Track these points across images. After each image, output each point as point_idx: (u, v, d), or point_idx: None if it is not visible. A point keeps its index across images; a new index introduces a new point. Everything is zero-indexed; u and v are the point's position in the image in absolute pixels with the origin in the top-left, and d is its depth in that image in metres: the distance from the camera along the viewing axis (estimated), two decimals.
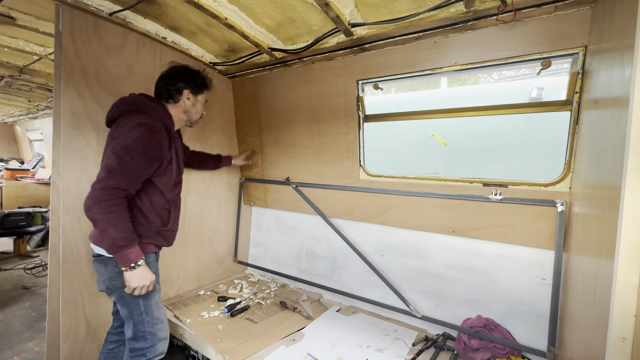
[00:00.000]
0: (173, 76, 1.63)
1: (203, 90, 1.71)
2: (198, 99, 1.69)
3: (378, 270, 2.16)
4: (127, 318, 1.55)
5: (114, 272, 1.49)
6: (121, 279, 1.47)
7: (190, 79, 1.64)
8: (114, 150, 1.36)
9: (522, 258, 1.72)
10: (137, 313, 1.53)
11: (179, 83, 1.61)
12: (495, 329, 1.71)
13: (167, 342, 1.65)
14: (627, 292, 0.81)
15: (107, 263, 1.49)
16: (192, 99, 1.67)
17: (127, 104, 1.51)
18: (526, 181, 1.65)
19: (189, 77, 1.65)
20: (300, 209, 2.59)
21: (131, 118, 1.43)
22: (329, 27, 1.77)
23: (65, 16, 1.69)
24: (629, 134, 0.80)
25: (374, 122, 2.10)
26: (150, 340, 1.56)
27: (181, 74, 1.64)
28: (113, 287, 1.50)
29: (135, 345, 1.56)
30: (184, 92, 1.63)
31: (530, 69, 1.64)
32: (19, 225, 4.08)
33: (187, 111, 1.68)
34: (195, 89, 1.66)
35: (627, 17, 0.89)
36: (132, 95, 1.55)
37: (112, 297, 1.55)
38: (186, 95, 1.64)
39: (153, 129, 1.42)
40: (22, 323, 2.75)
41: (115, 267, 1.48)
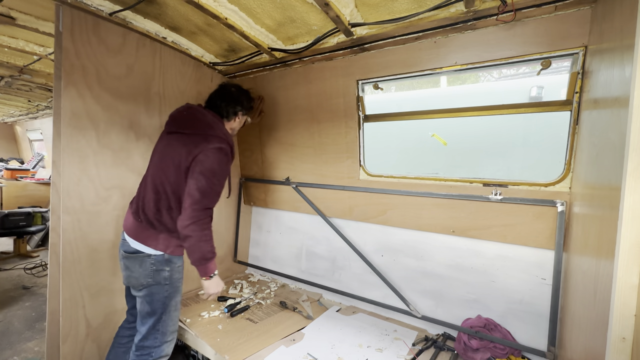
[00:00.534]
0: (234, 99, 1.80)
1: (249, 113, 1.90)
2: (242, 119, 1.87)
3: (378, 270, 2.16)
4: (147, 315, 1.61)
5: (150, 270, 1.57)
6: (156, 277, 1.58)
7: (246, 103, 1.85)
8: (203, 173, 1.52)
9: (522, 258, 1.72)
10: (159, 311, 1.61)
11: (237, 107, 1.80)
12: (495, 329, 1.71)
13: (173, 345, 1.70)
14: (627, 292, 0.81)
15: (143, 261, 1.56)
16: (241, 119, 1.85)
17: (204, 125, 1.63)
18: (526, 181, 1.65)
19: (245, 101, 1.85)
20: (300, 209, 2.59)
21: (211, 142, 1.57)
22: (329, 27, 1.77)
23: (65, 16, 1.69)
24: (629, 134, 0.80)
25: (374, 122, 2.10)
26: (160, 339, 1.63)
27: (240, 98, 1.82)
28: (146, 284, 1.57)
29: (145, 343, 1.61)
30: (239, 113, 1.81)
31: (531, 67, 1.63)
32: (19, 225, 4.08)
33: (234, 129, 1.85)
34: (246, 112, 1.86)
35: (627, 17, 0.89)
36: (205, 113, 1.67)
37: (140, 292, 1.60)
38: (239, 118, 1.83)
39: (228, 153, 1.63)
40: (22, 323, 2.75)
41: (153, 266, 1.57)
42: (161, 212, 1.59)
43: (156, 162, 1.65)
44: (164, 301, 1.61)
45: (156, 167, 1.64)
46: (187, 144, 1.57)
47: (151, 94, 2.12)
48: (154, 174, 1.63)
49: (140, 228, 1.60)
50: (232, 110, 1.78)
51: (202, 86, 2.45)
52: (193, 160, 1.53)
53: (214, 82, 2.54)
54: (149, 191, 1.62)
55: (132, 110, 2.03)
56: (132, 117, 2.03)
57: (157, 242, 1.58)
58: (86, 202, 1.84)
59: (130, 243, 1.59)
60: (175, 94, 2.26)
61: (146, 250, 1.57)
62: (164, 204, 1.59)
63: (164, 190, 1.59)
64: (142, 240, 1.57)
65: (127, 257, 1.59)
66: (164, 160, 1.61)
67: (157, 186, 1.60)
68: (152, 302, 1.59)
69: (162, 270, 1.59)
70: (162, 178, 1.59)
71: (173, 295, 1.64)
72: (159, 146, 1.69)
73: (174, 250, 1.61)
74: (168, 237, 1.60)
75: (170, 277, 1.61)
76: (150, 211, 1.59)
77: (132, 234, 1.60)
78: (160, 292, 1.60)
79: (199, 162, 1.52)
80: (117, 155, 1.97)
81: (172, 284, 1.63)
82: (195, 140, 1.57)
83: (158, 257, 1.57)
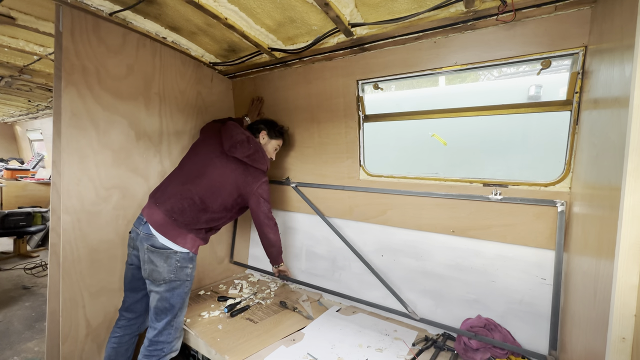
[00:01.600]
0: (259, 121, 2.17)
1: (277, 137, 2.15)
2: (271, 142, 2.13)
3: (377, 271, 2.16)
4: (165, 311, 1.68)
5: (175, 266, 1.67)
6: (180, 273, 1.69)
7: (269, 125, 2.14)
8: (267, 200, 1.95)
9: (522, 258, 1.72)
10: (177, 307, 1.70)
11: (261, 125, 2.12)
12: (495, 329, 1.70)
13: (181, 342, 1.78)
14: (627, 292, 0.81)
15: (169, 257, 1.66)
16: (266, 139, 2.11)
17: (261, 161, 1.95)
18: (526, 181, 1.65)
19: (269, 123, 2.16)
20: (300, 209, 2.59)
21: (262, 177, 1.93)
22: (329, 27, 1.77)
23: (65, 16, 1.69)
24: (629, 134, 0.80)
25: (374, 122, 2.10)
26: (173, 335, 1.71)
27: (266, 121, 2.19)
28: (169, 279, 1.66)
29: (159, 338, 1.67)
30: (262, 132, 2.10)
31: (531, 67, 1.64)
32: (19, 225, 4.08)
33: (268, 151, 2.11)
34: (271, 132, 2.12)
35: (627, 17, 0.89)
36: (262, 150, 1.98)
37: (160, 287, 1.67)
38: (262, 135, 2.09)
39: (269, 183, 1.99)
40: (22, 323, 2.75)
41: (178, 263, 1.68)
42: (199, 219, 1.77)
43: (206, 174, 1.83)
44: (184, 297, 1.73)
45: (207, 180, 1.82)
46: (248, 175, 1.88)
47: (151, 94, 2.12)
48: (203, 185, 1.81)
49: (171, 226, 1.70)
50: (255, 127, 2.11)
51: (202, 86, 2.45)
52: (253, 193, 1.88)
53: (214, 82, 2.54)
54: (191, 198, 1.77)
55: (132, 110, 2.03)
56: (132, 117, 2.03)
57: (185, 241, 1.71)
58: (86, 202, 1.84)
59: (159, 238, 1.67)
60: (175, 94, 2.27)
61: (174, 247, 1.67)
62: (208, 214, 1.80)
63: (213, 205, 1.81)
64: (172, 238, 1.68)
65: (153, 251, 1.66)
66: (223, 180, 1.84)
67: (206, 198, 1.79)
68: (172, 298, 1.68)
69: (186, 267, 1.70)
70: (215, 193, 1.81)
71: (189, 292, 1.78)
72: (215, 162, 1.87)
73: (196, 250, 1.78)
74: (195, 238, 1.76)
75: (191, 274, 1.76)
76: (189, 216, 1.75)
77: (162, 230, 1.68)
78: (181, 288, 1.70)
79: (261, 195, 1.90)
80: (117, 155, 1.97)
81: (192, 280, 1.78)
82: (254, 173, 1.90)
83: (184, 254, 1.70)
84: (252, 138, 1.95)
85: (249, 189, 1.86)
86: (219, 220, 1.88)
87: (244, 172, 1.87)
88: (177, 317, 1.72)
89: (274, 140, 2.13)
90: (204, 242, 1.85)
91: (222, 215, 1.87)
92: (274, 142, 2.14)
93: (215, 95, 2.57)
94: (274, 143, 2.14)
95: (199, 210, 1.78)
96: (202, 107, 2.47)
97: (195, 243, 1.77)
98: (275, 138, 2.14)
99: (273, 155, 2.17)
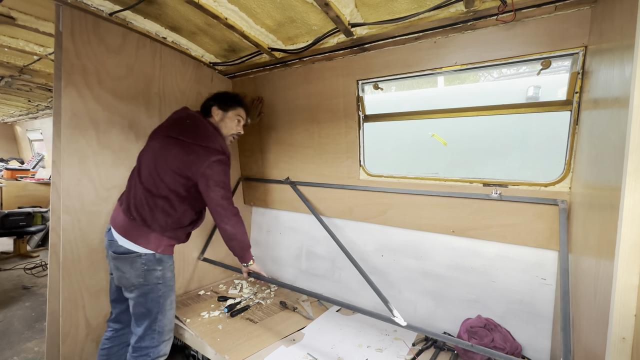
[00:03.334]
0: (209, 98, 1.88)
1: (232, 106, 1.85)
2: (227, 114, 1.84)
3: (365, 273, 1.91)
4: (143, 316, 1.60)
5: (142, 269, 1.57)
6: (148, 277, 1.58)
7: (218, 97, 1.86)
8: (219, 184, 1.64)
9: (522, 258, 1.72)
10: (155, 311, 1.61)
11: (210, 102, 1.85)
12: (495, 329, 1.70)
13: (170, 344, 1.69)
14: (627, 292, 0.81)
15: (134, 261, 1.56)
16: (221, 114, 1.82)
17: (205, 137, 1.69)
18: (526, 181, 1.65)
19: (218, 96, 1.88)
20: (300, 209, 2.59)
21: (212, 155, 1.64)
22: (329, 27, 1.77)
23: (65, 16, 1.69)
24: (629, 134, 0.80)
25: (373, 122, 2.10)
26: (157, 339, 1.62)
27: (214, 95, 1.88)
28: (138, 284, 1.57)
29: (142, 344, 1.60)
30: (212, 108, 1.82)
31: (531, 67, 1.63)
32: (19, 225, 4.07)
33: (219, 128, 1.84)
34: (222, 105, 1.83)
35: (627, 17, 0.89)
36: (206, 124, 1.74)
37: (132, 293, 1.59)
38: (215, 112, 1.82)
39: (227, 162, 1.72)
40: (22, 323, 2.74)
41: (144, 266, 1.57)
42: (154, 212, 1.61)
43: (151, 163, 1.65)
44: (159, 300, 1.62)
45: (151, 168, 1.64)
46: (189, 154, 1.63)
47: (151, 94, 2.12)
48: (148, 174, 1.64)
49: (131, 226, 1.59)
50: (206, 105, 1.84)
51: (202, 86, 2.45)
52: (201, 174, 1.61)
53: (214, 82, 2.54)
54: (142, 190, 1.63)
55: (132, 110, 2.03)
56: (132, 117, 2.03)
57: (148, 241, 1.59)
58: (86, 202, 1.84)
59: (119, 241, 1.58)
60: (175, 94, 2.26)
61: (137, 250, 1.57)
62: (159, 205, 1.62)
63: (159, 192, 1.62)
64: (133, 239, 1.57)
65: (116, 257, 1.58)
66: (161, 162, 1.63)
67: (151, 187, 1.62)
68: (147, 302, 1.59)
69: (154, 270, 1.60)
70: (156, 179, 1.62)
71: (167, 294, 1.65)
72: (154, 146, 1.69)
73: (165, 250, 1.64)
74: (159, 236, 1.62)
75: (162, 276, 1.63)
76: (144, 210, 1.61)
77: (123, 231, 1.59)
78: (154, 292, 1.60)
79: (210, 177, 1.62)
80: (117, 155, 1.97)
81: (166, 283, 1.64)
82: (197, 151, 1.64)
83: (149, 256, 1.58)
84: (193, 115, 1.76)
85: (195, 170, 1.61)
86: (178, 210, 1.65)
87: (187, 152, 1.64)
88: (157, 321, 1.62)
89: (231, 111, 1.84)
90: (175, 240, 1.70)
91: (178, 205, 1.65)
92: (232, 114, 1.84)
93: None
94: (232, 115, 1.84)
95: (151, 202, 1.62)
96: None
97: (161, 242, 1.62)
98: (231, 108, 1.84)
99: (240, 129, 1.89)
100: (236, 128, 1.87)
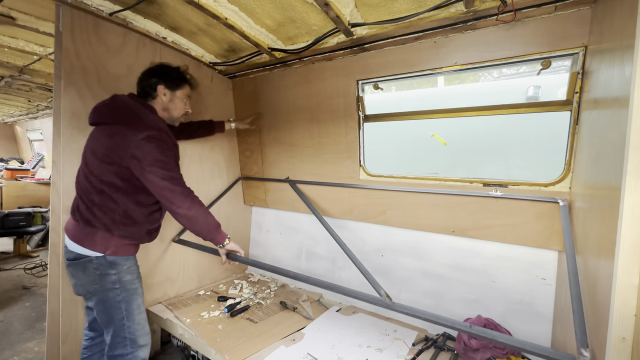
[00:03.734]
0: (148, 73, 1.63)
1: (180, 85, 1.66)
2: (176, 94, 1.65)
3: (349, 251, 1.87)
4: (107, 324, 1.51)
5: (95, 274, 1.45)
6: (103, 282, 1.46)
7: (164, 74, 1.62)
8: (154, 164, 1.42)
9: (522, 258, 1.72)
10: (118, 317, 1.50)
11: (153, 79, 1.60)
12: (495, 329, 1.70)
13: (149, 350, 1.60)
14: (627, 292, 0.81)
15: (86, 266, 1.46)
16: (169, 95, 1.63)
17: (128, 113, 1.50)
18: (526, 181, 1.65)
19: (163, 72, 1.63)
20: (300, 209, 2.59)
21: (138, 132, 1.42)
22: (329, 27, 1.77)
23: (65, 16, 1.69)
24: (629, 134, 0.80)
25: (374, 122, 2.10)
26: (130, 346, 1.52)
27: (156, 70, 1.64)
28: (94, 291, 1.47)
29: (114, 352, 1.51)
30: (158, 87, 1.60)
31: (531, 67, 1.64)
32: (19, 225, 4.07)
33: (166, 108, 1.65)
34: (170, 84, 1.62)
35: (627, 17, 0.89)
36: (128, 101, 1.55)
37: (91, 301, 1.51)
38: (161, 91, 1.61)
39: (163, 138, 1.48)
40: (22, 323, 2.74)
41: (96, 270, 1.45)
42: (93, 209, 1.47)
43: (83, 158, 1.55)
44: (120, 306, 1.49)
45: (82, 163, 1.54)
46: (113, 135, 1.45)
47: None
48: (82, 170, 1.54)
49: (77, 228, 1.48)
50: (147, 84, 1.61)
51: (202, 86, 2.45)
52: (130, 157, 1.40)
53: (214, 82, 2.55)
54: (79, 188, 1.53)
55: None
56: None
57: (94, 243, 1.46)
58: None
59: (69, 246, 1.49)
60: None
61: (86, 253, 1.45)
62: (96, 201, 1.47)
63: (93, 187, 1.47)
64: (80, 241, 1.46)
65: (69, 264, 1.49)
66: (89, 154, 1.50)
67: (86, 183, 1.50)
68: (107, 309, 1.49)
69: (108, 275, 1.47)
70: (87, 174, 1.49)
71: (130, 299, 1.52)
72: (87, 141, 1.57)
73: (116, 251, 1.49)
74: (107, 237, 1.47)
75: (119, 279, 1.49)
76: (83, 207, 1.49)
77: (71, 234, 1.49)
78: (111, 298, 1.48)
79: (141, 158, 1.40)
80: None
81: (124, 286, 1.51)
82: (121, 131, 1.44)
83: (99, 259, 1.46)
84: (121, 96, 1.56)
85: (122, 153, 1.41)
86: (120, 204, 1.48)
87: (110, 134, 1.45)
88: (125, 327, 1.50)
89: (179, 90, 1.66)
90: (130, 240, 1.54)
91: (117, 198, 1.47)
92: (181, 93, 1.67)
93: (215, 95, 2.57)
94: (180, 94, 1.67)
95: (87, 200, 1.48)
96: (202, 107, 2.47)
97: (109, 243, 1.47)
98: (180, 88, 1.67)
99: (188, 108, 1.74)
100: (185, 108, 1.71)
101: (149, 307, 2.20)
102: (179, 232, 2.41)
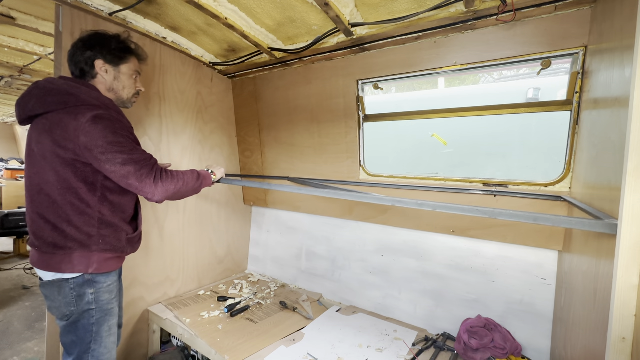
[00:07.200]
0: (79, 45, 1.29)
1: (125, 58, 1.37)
2: (121, 70, 1.36)
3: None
4: (71, 346, 1.32)
5: (71, 296, 1.27)
6: (80, 303, 1.29)
7: (101, 45, 1.30)
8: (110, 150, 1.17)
9: (522, 258, 1.72)
10: (87, 340, 1.32)
11: (87, 52, 1.28)
12: (495, 329, 1.70)
13: None
14: (627, 292, 0.81)
15: (62, 287, 1.27)
16: (112, 71, 1.34)
17: (61, 94, 1.21)
18: (526, 181, 1.65)
19: (99, 42, 1.30)
20: (300, 209, 2.59)
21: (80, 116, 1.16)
22: (329, 27, 1.77)
23: (65, 16, 1.69)
24: (629, 134, 0.80)
25: (374, 122, 2.10)
26: None
27: (89, 41, 1.30)
28: (70, 313, 1.29)
29: None
30: (96, 63, 1.29)
31: (531, 68, 1.64)
32: (19, 225, 4.08)
33: (111, 88, 1.36)
34: (111, 57, 1.32)
35: (627, 18, 0.89)
36: (56, 81, 1.26)
37: (63, 321, 1.32)
38: (101, 67, 1.31)
39: (112, 117, 1.22)
40: (22, 323, 2.75)
41: (73, 292, 1.27)
42: (60, 227, 1.24)
43: (28, 170, 1.26)
44: (91, 329, 1.31)
45: (31, 173, 1.25)
46: (52, 129, 1.18)
47: (151, 94, 2.12)
48: (30, 183, 1.26)
49: (45, 257, 1.25)
50: (82, 59, 1.29)
51: (202, 86, 2.45)
52: (81, 147, 1.17)
53: (214, 82, 2.55)
54: (35, 206, 1.26)
55: (132, 110, 2.03)
56: (132, 118, 2.03)
57: (72, 265, 1.26)
58: None
59: (44, 277, 1.29)
60: (175, 94, 2.26)
61: (64, 277, 1.27)
62: (61, 214, 1.23)
63: (52, 199, 1.22)
64: (55, 268, 1.25)
65: (43, 285, 1.30)
66: (35, 161, 1.24)
67: (39, 198, 1.24)
68: (77, 330, 1.31)
69: (84, 295, 1.29)
70: (39, 185, 1.23)
71: (103, 320, 1.34)
72: (26, 150, 1.29)
73: (99, 267, 1.30)
74: (86, 253, 1.27)
75: (96, 299, 1.31)
76: (48, 229, 1.24)
77: (42, 266, 1.26)
78: (85, 319, 1.30)
79: (92, 146, 1.16)
80: None
81: (101, 307, 1.33)
82: (58, 119, 1.17)
83: (77, 279, 1.27)
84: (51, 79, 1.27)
85: (72, 147, 1.17)
86: (92, 211, 1.27)
87: (49, 130, 1.19)
88: (91, 351, 1.31)
89: (124, 64, 1.37)
90: (112, 253, 1.34)
91: (85, 207, 1.25)
92: (126, 68, 1.38)
93: (215, 95, 2.57)
94: (126, 70, 1.38)
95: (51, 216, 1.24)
96: (202, 107, 2.47)
97: (90, 260, 1.28)
98: (124, 61, 1.37)
99: (140, 86, 1.48)
100: (135, 86, 1.44)
101: (149, 307, 2.20)
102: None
